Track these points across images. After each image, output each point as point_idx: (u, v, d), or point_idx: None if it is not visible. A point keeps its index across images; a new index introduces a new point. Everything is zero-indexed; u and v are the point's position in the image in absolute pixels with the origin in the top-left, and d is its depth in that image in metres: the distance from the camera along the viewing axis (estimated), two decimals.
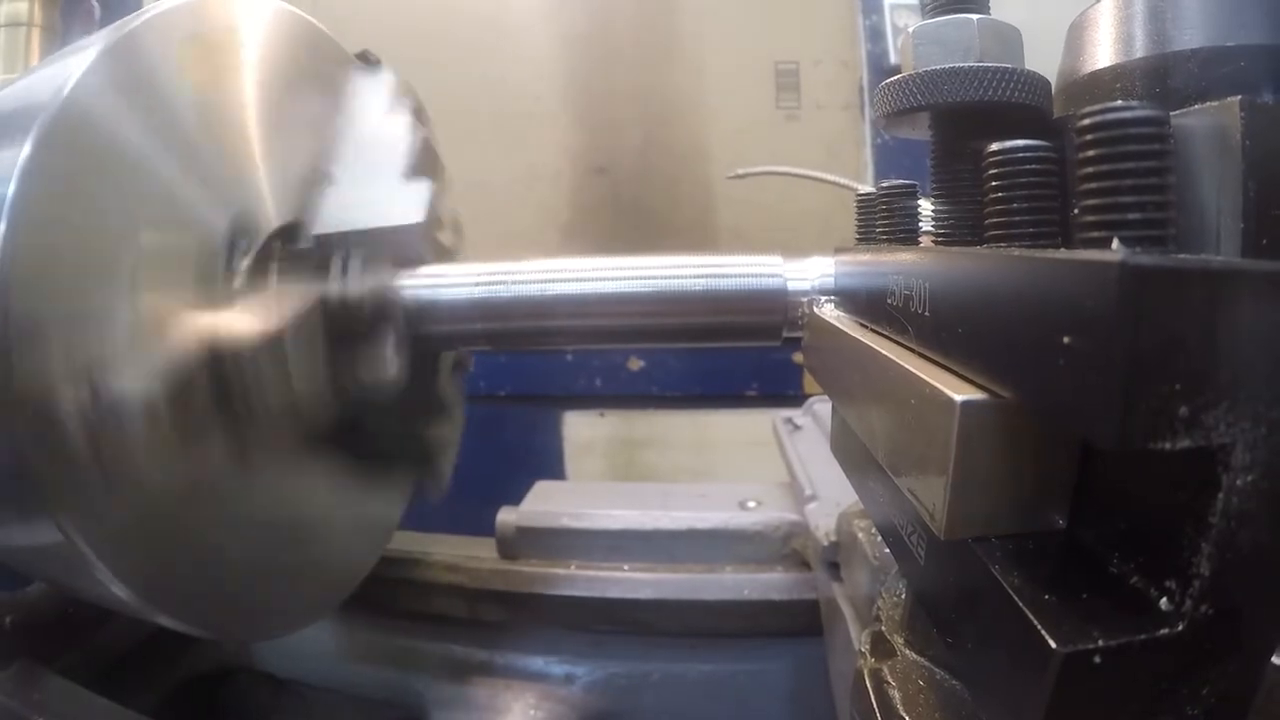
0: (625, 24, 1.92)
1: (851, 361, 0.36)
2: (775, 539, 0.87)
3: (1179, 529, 0.20)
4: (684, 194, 1.92)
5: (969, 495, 0.24)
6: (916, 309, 0.30)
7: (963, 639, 0.26)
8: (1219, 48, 0.28)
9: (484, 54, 1.90)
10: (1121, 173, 0.20)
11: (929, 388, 0.26)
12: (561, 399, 1.92)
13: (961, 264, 0.27)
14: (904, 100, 0.33)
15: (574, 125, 1.92)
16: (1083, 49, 0.32)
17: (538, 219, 1.92)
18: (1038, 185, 0.26)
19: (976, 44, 0.32)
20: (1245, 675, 0.21)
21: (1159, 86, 0.29)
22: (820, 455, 0.95)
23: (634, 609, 0.84)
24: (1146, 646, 0.19)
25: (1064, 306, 0.19)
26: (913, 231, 0.38)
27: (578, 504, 0.95)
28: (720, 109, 1.91)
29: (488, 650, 0.89)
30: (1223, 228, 0.22)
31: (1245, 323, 0.18)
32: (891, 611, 0.43)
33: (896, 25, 1.87)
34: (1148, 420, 0.18)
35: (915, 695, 0.36)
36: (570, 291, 0.63)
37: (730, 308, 0.63)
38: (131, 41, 0.52)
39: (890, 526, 0.35)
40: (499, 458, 1.62)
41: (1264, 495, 0.19)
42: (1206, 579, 0.19)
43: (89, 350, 0.47)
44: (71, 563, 0.48)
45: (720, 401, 1.90)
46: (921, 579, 0.31)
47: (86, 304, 0.48)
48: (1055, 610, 0.21)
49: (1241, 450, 0.18)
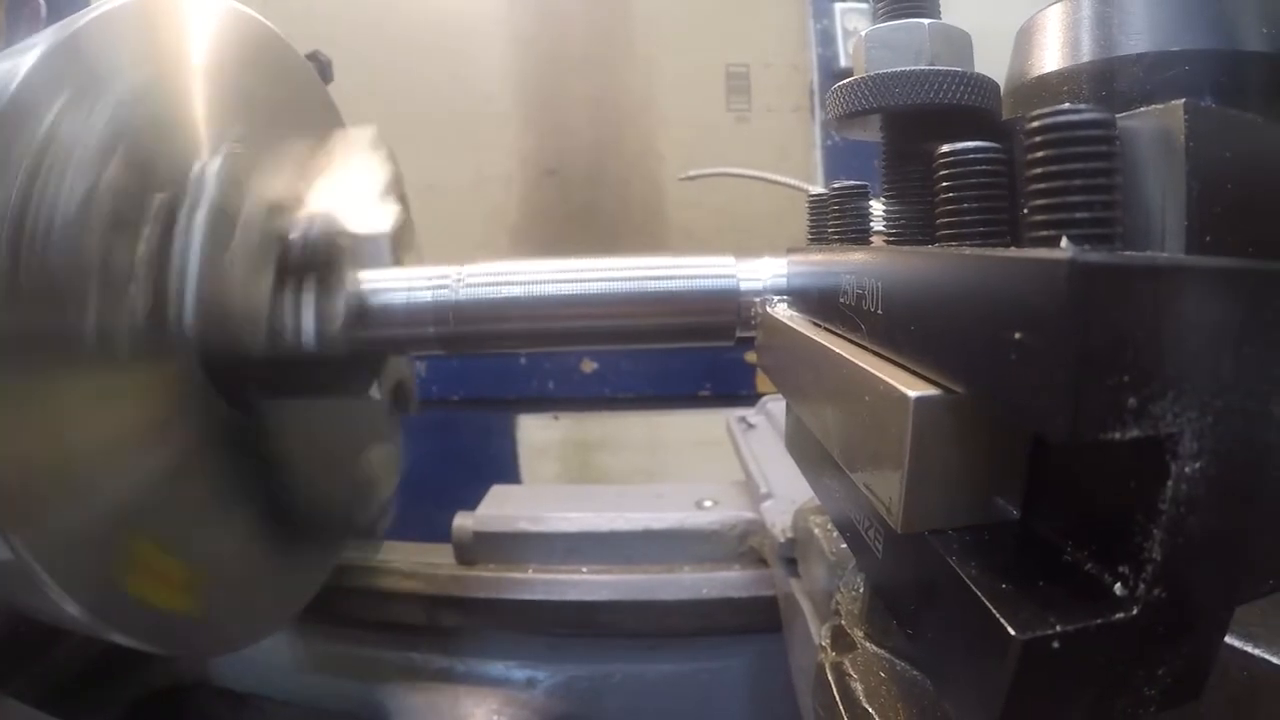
0: (577, 26, 1.92)
1: (805, 360, 0.37)
2: (732, 537, 0.88)
3: (1130, 516, 0.20)
4: (635, 196, 1.92)
5: (924, 489, 0.25)
6: (869, 307, 0.31)
7: (923, 629, 0.27)
8: (1164, 52, 0.28)
9: (434, 55, 1.88)
10: (1070, 173, 0.21)
11: (883, 384, 0.26)
12: (515, 402, 1.91)
13: (914, 263, 0.27)
14: (856, 103, 0.33)
15: (524, 127, 1.91)
16: (1031, 53, 0.33)
17: (487, 221, 1.91)
18: (987, 186, 0.26)
19: (927, 48, 0.33)
20: (1199, 656, 0.22)
21: (1105, 90, 0.30)
22: (774, 453, 0.96)
23: (593, 611, 0.84)
24: (1103, 630, 0.20)
25: (1015, 303, 0.20)
26: (864, 231, 0.39)
27: (534, 507, 0.95)
28: (671, 111, 1.92)
29: (448, 657, 0.88)
30: (1167, 226, 0.23)
31: (1190, 316, 0.19)
32: (850, 605, 0.44)
33: (847, 29, 1.89)
34: (1098, 412, 0.18)
35: (877, 686, 0.37)
36: (523, 294, 0.63)
37: (684, 308, 0.63)
38: (77, 40, 0.51)
39: (847, 522, 0.35)
40: (453, 462, 1.61)
41: (1212, 481, 0.19)
42: (1159, 564, 0.20)
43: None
44: (22, 580, 0.47)
45: (674, 402, 1.90)
46: (880, 572, 0.32)
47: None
48: (1013, 598, 0.21)
49: (1189, 438, 0.19)
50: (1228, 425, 0.19)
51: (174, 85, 0.59)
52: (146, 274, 0.53)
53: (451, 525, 0.91)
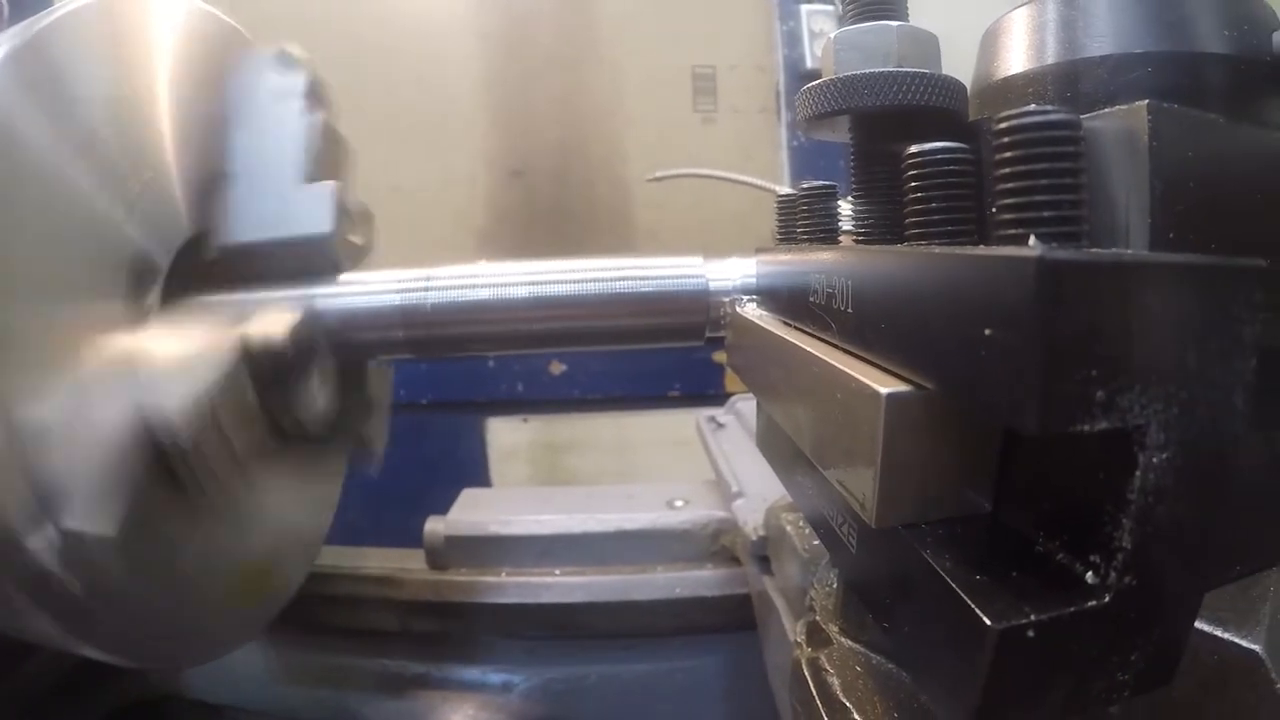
0: (543, 27, 1.92)
1: (776, 359, 0.37)
2: (704, 536, 0.88)
3: (1100, 506, 0.21)
4: (601, 197, 1.92)
5: (897, 484, 0.25)
6: (839, 306, 0.31)
7: (898, 623, 0.27)
8: (1127, 54, 0.29)
9: (399, 54, 1.87)
10: (1037, 173, 0.21)
11: (854, 382, 0.26)
12: (484, 405, 1.90)
13: (883, 262, 0.28)
14: (824, 104, 0.34)
15: (490, 128, 1.91)
16: (997, 55, 0.34)
17: (453, 223, 1.90)
18: (955, 185, 0.26)
19: (895, 49, 0.33)
20: (1171, 641, 0.22)
21: (1070, 91, 0.30)
22: (745, 452, 0.97)
23: (568, 613, 0.84)
24: (1076, 618, 0.20)
25: (984, 300, 0.20)
26: (833, 231, 0.39)
27: (506, 510, 0.94)
28: (637, 112, 1.92)
29: (423, 663, 0.88)
30: (1132, 224, 0.24)
31: (1154, 311, 0.19)
32: (824, 601, 0.44)
33: (813, 30, 1.91)
34: (1066, 405, 0.19)
35: (854, 681, 0.37)
36: (492, 297, 0.63)
37: (653, 309, 0.63)
38: (39, 42, 0.50)
39: (820, 518, 0.36)
40: (423, 466, 1.60)
41: (1178, 471, 0.20)
42: (1129, 552, 0.20)
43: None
44: None
45: (643, 403, 1.91)
46: (854, 567, 0.32)
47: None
48: (987, 589, 0.22)
49: (1156, 430, 0.19)
50: (1193, 417, 0.20)
51: (138, 90, 0.58)
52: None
53: (423, 530, 0.91)
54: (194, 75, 0.63)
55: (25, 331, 0.47)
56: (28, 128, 0.48)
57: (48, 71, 0.50)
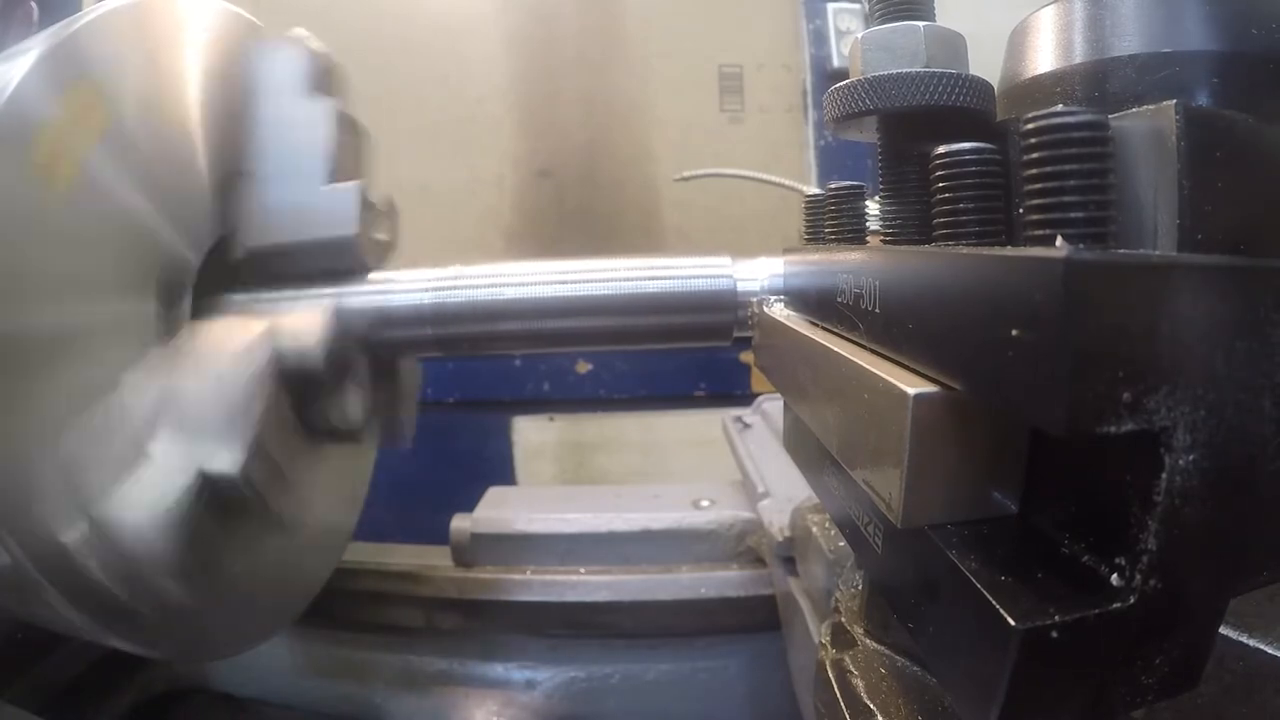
0: (569, 27, 1.92)
1: (804, 359, 0.37)
2: (730, 537, 0.88)
3: (1126, 508, 0.21)
4: (629, 197, 1.92)
5: (924, 485, 0.25)
6: (867, 306, 0.31)
7: (923, 624, 0.27)
8: (1155, 54, 0.29)
9: (426, 56, 1.89)
10: (1065, 174, 0.21)
11: (882, 382, 0.26)
12: (510, 404, 1.91)
13: (911, 262, 0.28)
14: (853, 104, 0.34)
15: (517, 128, 1.92)
16: (1024, 54, 0.34)
17: (481, 223, 1.91)
18: (983, 186, 0.26)
19: (923, 50, 0.33)
20: (1196, 646, 0.22)
21: (1098, 90, 0.30)
22: (771, 452, 0.97)
23: (592, 612, 0.84)
24: (1100, 620, 0.20)
25: (1012, 301, 0.20)
26: (861, 231, 0.39)
27: (531, 509, 0.95)
28: (664, 112, 1.93)
29: (447, 659, 0.89)
30: (1159, 224, 0.23)
31: (1182, 312, 0.19)
32: (849, 603, 0.44)
33: (839, 29, 1.90)
34: (1094, 406, 0.19)
35: (878, 683, 0.37)
36: (521, 296, 0.63)
37: (681, 309, 0.63)
38: (73, 44, 0.51)
39: (847, 519, 0.35)
40: (449, 465, 1.61)
41: (1205, 473, 0.20)
42: (1154, 554, 0.20)
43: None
44: (23, 586, 0.47)
45: (669, 402, 1.90)
46: (880, 568, 0.32)
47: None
48: (1012, 590, 0.21)
49: (1182, 431, 0.19)
50: (1220, 419, 0.20)
51: (170, 92, 0.59)
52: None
53: (449, 527, 0.91)
54: (222, 76, 0.64)
55: (54, 338, 0.48)
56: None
57: (81, 73, 0.51)
